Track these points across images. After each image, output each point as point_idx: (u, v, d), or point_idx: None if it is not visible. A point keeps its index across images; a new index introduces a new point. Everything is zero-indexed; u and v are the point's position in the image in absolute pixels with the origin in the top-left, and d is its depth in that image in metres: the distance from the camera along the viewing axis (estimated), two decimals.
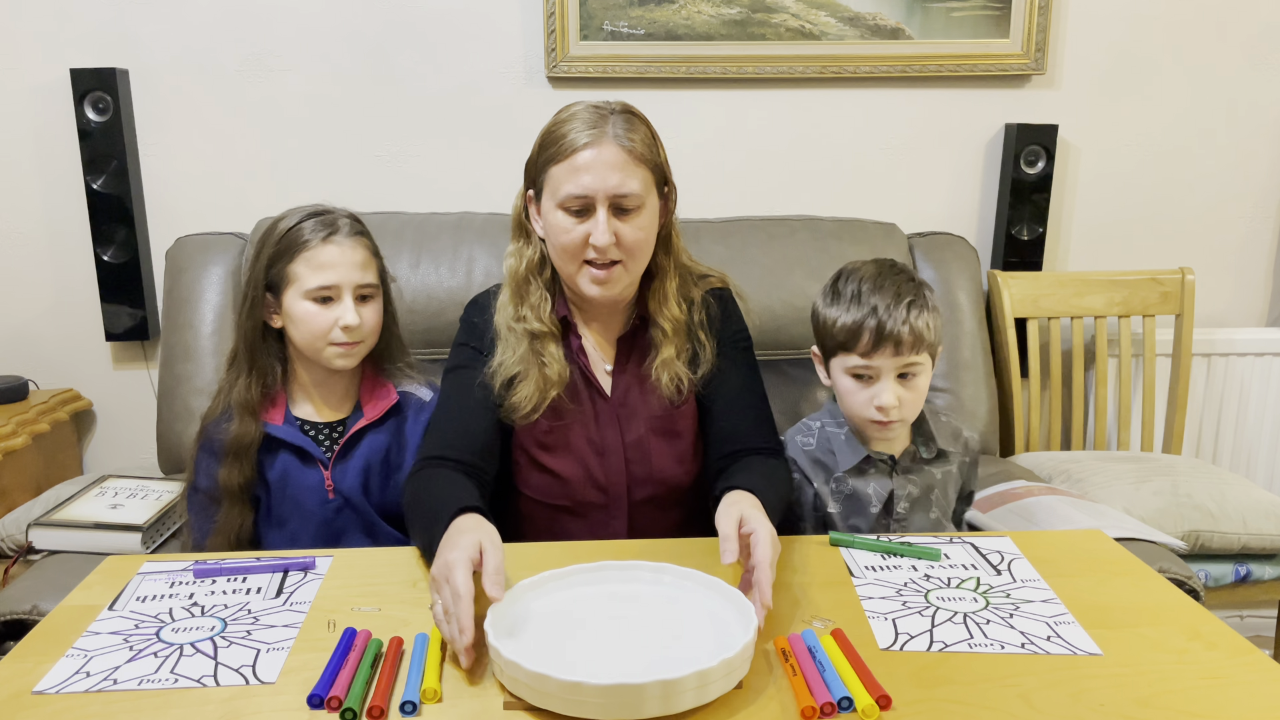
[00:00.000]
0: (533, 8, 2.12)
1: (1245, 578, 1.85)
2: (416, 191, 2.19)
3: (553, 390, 1.39)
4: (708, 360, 1.44)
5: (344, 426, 1.49)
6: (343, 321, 1.40)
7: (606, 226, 1.30)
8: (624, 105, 1.36)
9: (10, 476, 1.95)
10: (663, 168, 1.37)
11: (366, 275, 1.43)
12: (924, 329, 1.29)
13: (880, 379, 1.31)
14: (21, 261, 2.18)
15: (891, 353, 1.29)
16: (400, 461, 1.50)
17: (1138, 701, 0.91)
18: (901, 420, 1.33)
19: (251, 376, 1.45)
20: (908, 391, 1.31)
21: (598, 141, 1.29)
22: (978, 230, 2.30)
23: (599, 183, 1.29)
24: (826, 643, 0.99)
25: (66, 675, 0.95)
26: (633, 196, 1.30)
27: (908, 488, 1.39)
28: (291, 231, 1.42)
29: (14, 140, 2.12)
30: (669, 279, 1.42)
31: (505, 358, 1.39)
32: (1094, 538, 1.30)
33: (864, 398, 1.32)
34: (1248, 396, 2.32)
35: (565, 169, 1.30)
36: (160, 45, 2.10)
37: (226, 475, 1.42)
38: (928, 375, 1.34)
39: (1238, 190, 2.31)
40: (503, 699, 0.91)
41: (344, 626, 1.04)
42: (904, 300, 1.29)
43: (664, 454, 1.43)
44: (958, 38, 2.15)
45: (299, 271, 1.40)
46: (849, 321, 1.30)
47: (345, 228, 1.43)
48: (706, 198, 2.20)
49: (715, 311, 1.47)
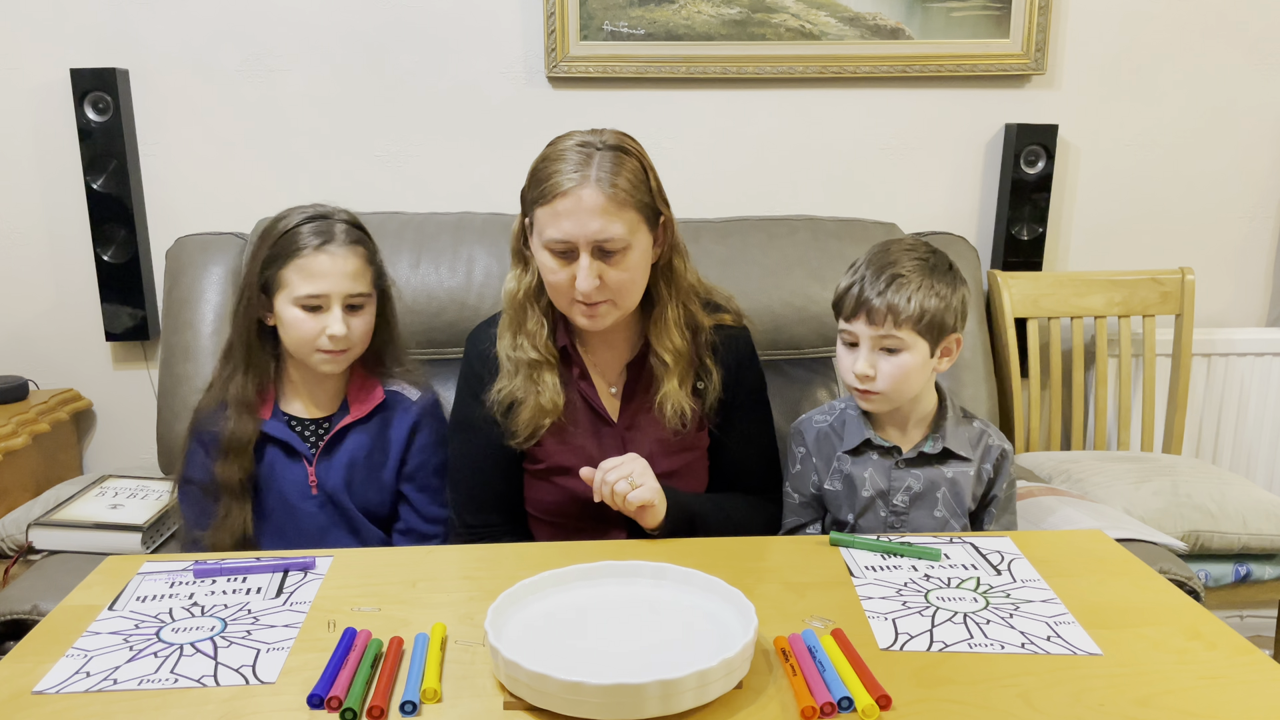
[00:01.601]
0: (533, 8, 2.12)
1: (1245, 578, 1.85)
2: (416, 191, 2.19)
3: (547, 418, 1.40)
4: (714, 390, 1.44)
5: (330, 423, 1.49)
6: (329, 331, 1.40)
7: (589, 272, 1.29)
8: (616, 139, 1.32)
9: (10, 476, 1.95)
10: (653, 204, 1.34)
11: (357, 285, 1.43)
12: (901, 304, 1.30)
13: (860, 346, 1.34)
14: (21, 261, 2.18)
15: (866, 321, 1.32)
16: (383, 460, 1.50)
17: (1138, 701, 0.91)
18: (883, 395, 1.34)
19: (248, 375, 1.46)
20: (886, 364, 1.33)
21: (580, 186, 1.27)
22: (978, 230, 2.30)
23: (579, 229, 1.28)
24: (826, 643, 0.99)
25: (66, 675, 0.95)
26: (615, 240, 1.29)
27: (907, 481, 1.39)
28: (287, 235, 1.42)
29: (14, 140, 2.12)
30: (669, 308, 1.41)
31: (504, 385, 1.41)
32: (1094, 538, 1.30)
33: (847, 363, 1.37)
34: (1248, 396, 2.32)
35: (548, 213, 1.30)
36: (160, 45, 2.09)
37: (224, 471, 1.43)
38: (916, 355, 1.33)
39: (1238, 190, 2.31)
40: (503, 699, 0.91)
41: (344, 626, 1.04)
42: (887, 274, 1.32)
43: (671, 477, 1.43)
44: (958, 38, 2.15)
45: (290, 278, 1.41)
46: (841, 286, 1.37)
47: (341, 235, 1.43)
48: (706, 198, 2.20)
49: (728, 356, 1.46)
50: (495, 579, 1.14)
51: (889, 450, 1.40)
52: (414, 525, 1.52)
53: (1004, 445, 1.43)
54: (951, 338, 1.37)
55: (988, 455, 1.42)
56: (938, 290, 1.32)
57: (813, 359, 1.98)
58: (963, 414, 1.45)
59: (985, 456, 1.42)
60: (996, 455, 1.42)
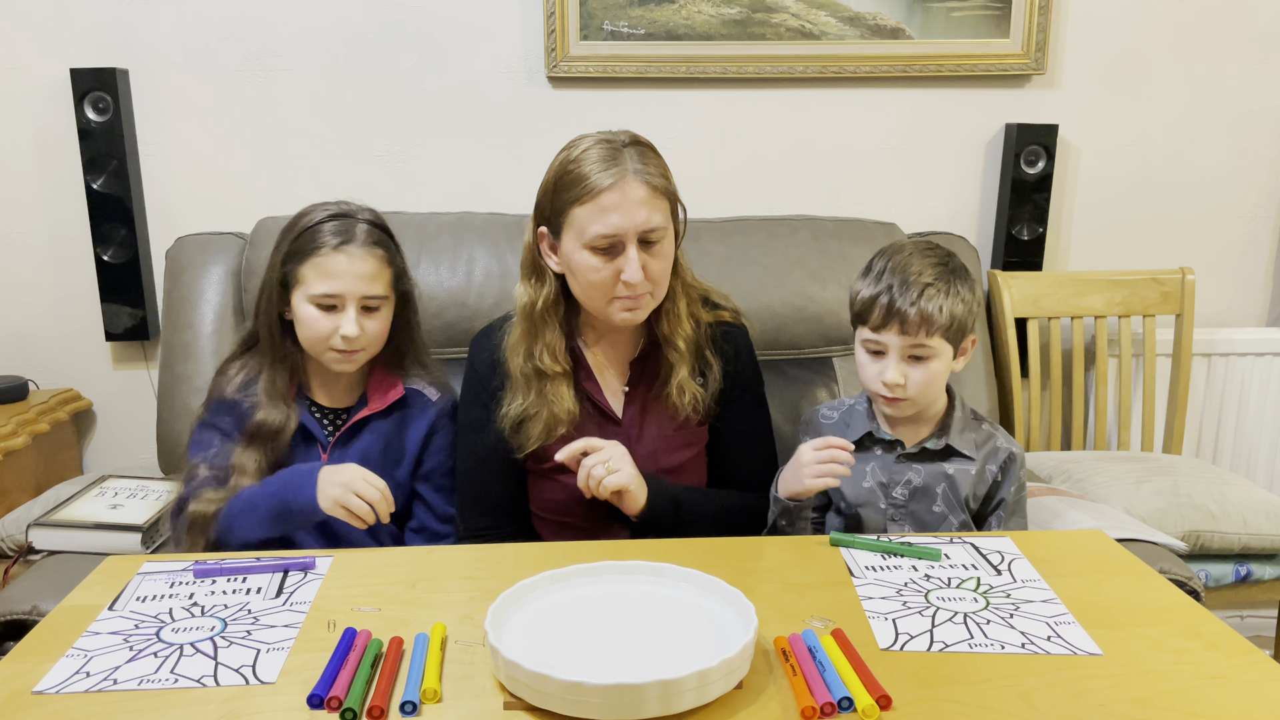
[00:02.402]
0: (533, 7, 2.12)
1: (1245, 578, 1.85)
2: (416, 191, 2.19)
3: (560, 427, 1.41)
4: (715, 380, 1.46)
5: (348, 414, 1.50)
6: (342, 331, 1.40)
7: (639, 264, 1.31)
8: (632, 136, 1.36)
9: (10, 476, 1.95)
10: (676, 194, 1.38)
11: (374, 287, 1.42)
12: (935, 313, 1.30)
13: (889, 355, 1.34)
14: (21, 261, 2.18)
15: (898, 331, 1.32)
16: (399, 458, 1.50)
17: (1138, 701, 0.91)
18: (910, 400, 1.35)
19: (276, 368, 1.46)
20: (917, 372, 1.33)
21: (621, 180, 1.29)
22: (978, 230, 2.30)
23: (627, 221, 1.29)
24: (826, 643, 0.99)
25: (66, 675, 0.95)
26: (659, 229, 1.32)
27: (908, 475, 1.40)
28: (308, 232, 1.42)
29: (14, 140, 2.12)
30: (679, 298, 1.43)
31: (516, 400, 1.41)
32: (1094, 538, 1.30)
33: (873, 372, 1.36)
34: (1248, 396, 2.32)
35: (591, 210, 1.30)
36: (160, 45, 2.09)
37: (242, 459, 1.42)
38: (943, 361, 1.34)
39: (1238, 190, 2.31)
40: (503, 699, 0.91)
41: (344, 626, 1.04)
42: (918, 282, 1.31)
43: (674, 473, 1.44)
44: (958, 38, 2.15)
45: (307, 275, 1.41)
46: (866, 295, 1.35)
47: (361, 236, 1.42)
48: (706, 198, 2.20)
49: (727, 348, 1.48)
50: (495, 579, 1.14)
51: (891, 444, 1.41)
52: (427, 524, 1.52)
53: (1013, 449, 1.42)
54: (969, 338, 1.38)
55: (994, 457, 1.41)
56: (962, 295, 1.34)
57: (813, 359, 1.98)
58: (973, 415, 1.45)
59: (991, 458, 1.41)
60: (1004, 458, 1.41)
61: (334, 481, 1.29)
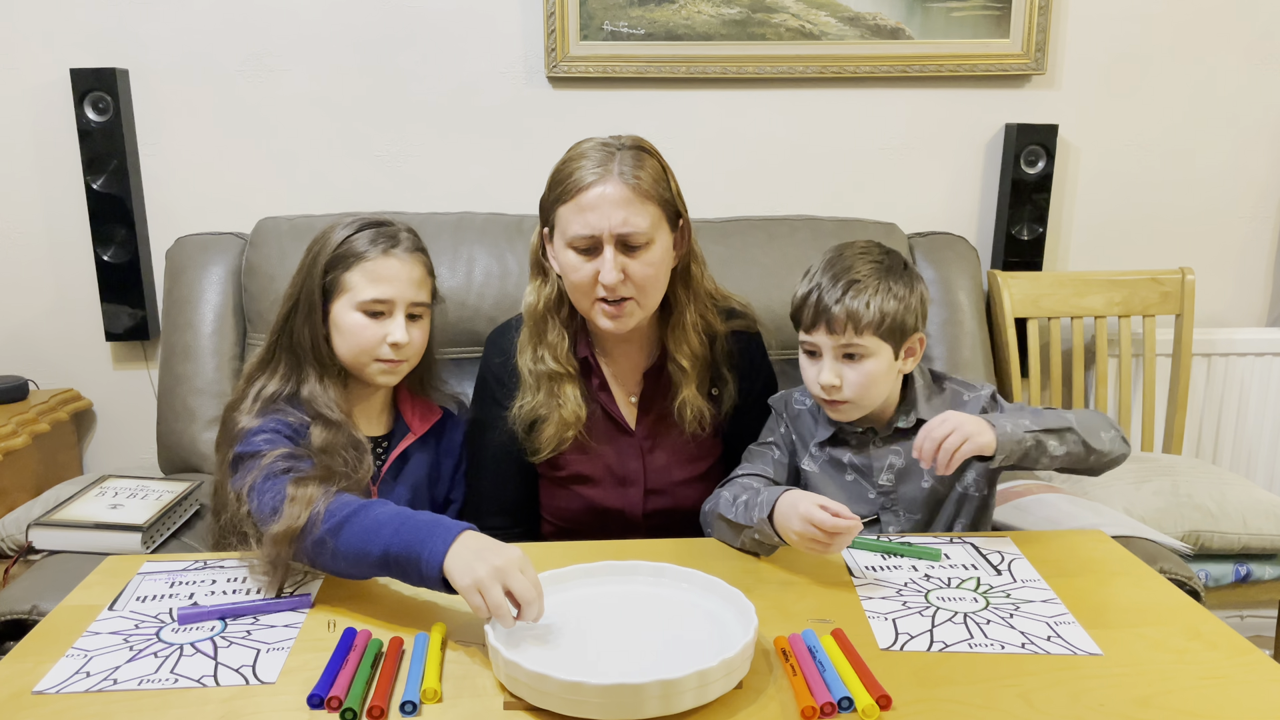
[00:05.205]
0: (533, 8, 2.12)
1: (1245, 578, 1.85)
2: (416, 191, 2.19)
3: (570, 431, 1.40)
4: (730, 396, 1.46)
5: (388, 442, 1.45)
6: (391, 338, 1.35)
7: (613, 264, 1.30)
8: (635, 141, 1.35)
9: (10, 476, 1.95)
10: (674, 202, 1.36)
11: (420, 294, 1.40)
12: (861, 309, 1.27)
13: (823, 356, 1.32)
14: (21, 261, 2.18)
15: (826, 330, 1.30)
16: (438, 477, 1.50)
17: (1138, 701, 0.91)
18: (851, 403, 1.32)
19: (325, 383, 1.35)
20: (852, 373, 1.30)
21: (603, 180, 1.29)
22: (978, 230, 2.30)
23: (603, 221, 1.29)
24: (826, 643, 0.99)
25: (66, 675, 0.96)
26: (638, 234, 1.30)
27: (888, 458, 1.38)
28: (351, 239, 1.36)
29: (14, 140, 2.12)
30: (687, 312, 1.42)
31: (526, 401, 1.41)
32: (1094, 538, 1.30)
33: (811, 374, 1.34)
34: (1248, 396, 2.32)
35: (572, 209, 1.31)
36: (160, 45, 2.09)
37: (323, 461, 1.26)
38: (880, 361, 1.30)
39: (1238, 190, 2.31)
40: (503, 699, 0.91)
41: (344, 626, 1.04)
42: (844, 281, 1.29)
43: (687, 485, 1.45)
44: (958, 38, 2.15)
45: (354, 281, 1.35)
46: (798, 296, 1.34)
47: (406, 242, 1.39)
48: (706, 198, 2.20)
49: (742, 361, 1.48)
50: None
51: (864, 434, 1.39)
52: None
53: (982, 391, 1.37)
54: (914, 338, 1.34)
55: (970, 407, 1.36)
56: (895, 292, 1.30)
57: None
58: (932, 379, 1.42)
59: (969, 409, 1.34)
60: (986, 399, 1.36)
61: (485, 560, 1.01)
